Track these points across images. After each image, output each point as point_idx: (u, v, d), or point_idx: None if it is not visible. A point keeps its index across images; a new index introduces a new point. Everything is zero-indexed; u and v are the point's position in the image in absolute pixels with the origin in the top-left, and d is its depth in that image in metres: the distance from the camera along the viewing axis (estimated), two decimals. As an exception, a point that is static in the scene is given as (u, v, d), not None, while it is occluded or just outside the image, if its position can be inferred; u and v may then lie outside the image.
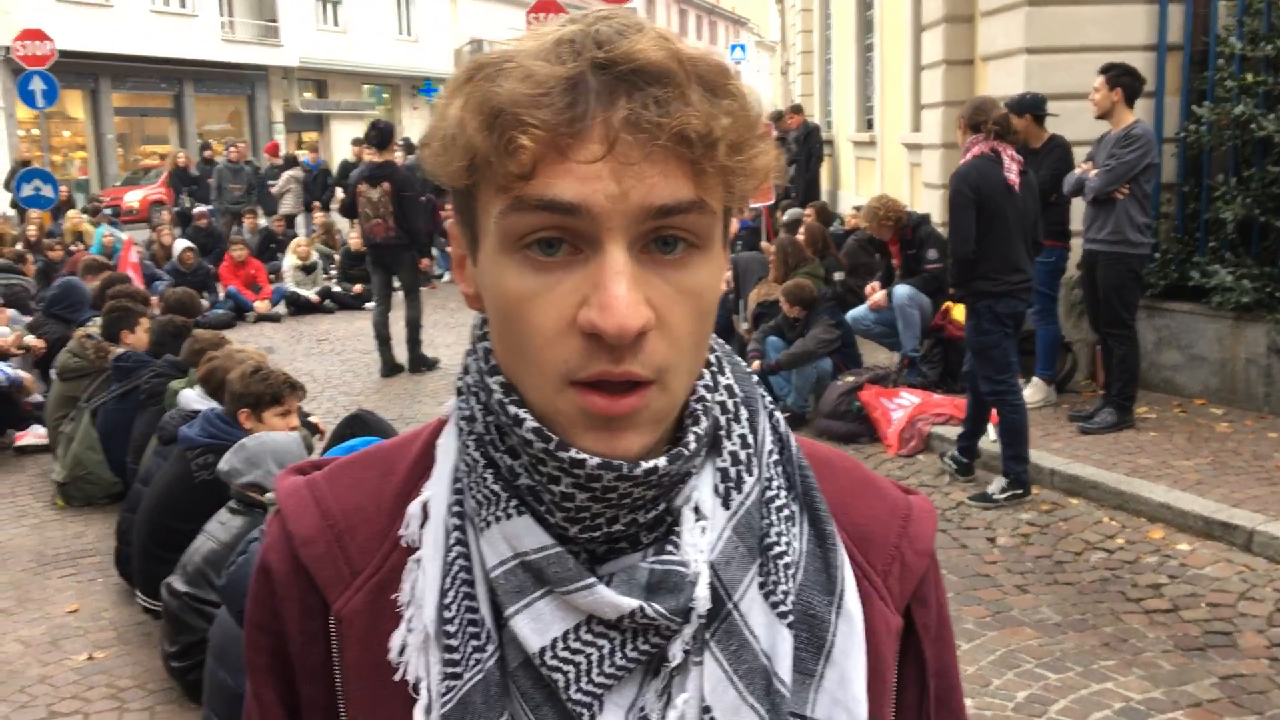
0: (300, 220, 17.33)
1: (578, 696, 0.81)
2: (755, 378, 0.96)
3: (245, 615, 0.96)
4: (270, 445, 4.12)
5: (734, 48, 50.31)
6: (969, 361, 6.39)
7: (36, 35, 15.80)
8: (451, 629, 0.84)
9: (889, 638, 0.93)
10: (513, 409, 0.81)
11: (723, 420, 0.89)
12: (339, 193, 17.66)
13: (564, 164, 0.75)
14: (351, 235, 14.52)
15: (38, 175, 14.83)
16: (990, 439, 6.77)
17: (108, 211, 18.49)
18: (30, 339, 8.56)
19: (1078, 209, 7.19)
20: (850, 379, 7.59)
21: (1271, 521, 5.25)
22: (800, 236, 9.28)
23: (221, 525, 4.16)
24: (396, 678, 0.86)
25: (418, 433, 0.99)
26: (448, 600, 0.84)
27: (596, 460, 0.78)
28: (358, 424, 3.97)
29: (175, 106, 32.69)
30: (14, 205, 15.08)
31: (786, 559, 0.87)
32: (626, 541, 0.84)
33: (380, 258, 9.88)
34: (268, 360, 5.54)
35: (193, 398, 5.24)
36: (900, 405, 7.22)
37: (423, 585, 0.86)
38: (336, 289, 14.03)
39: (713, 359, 0.91)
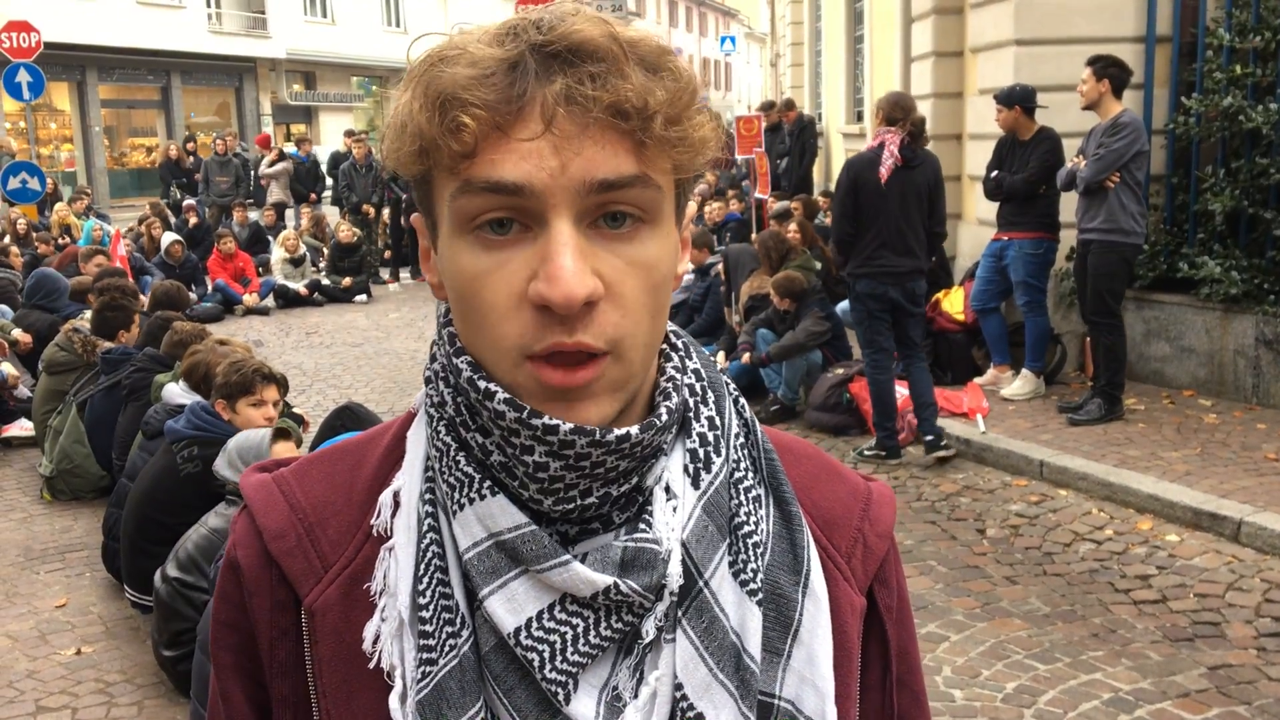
0: (290, 212, 17.27)
1: (552, 675, 0.81)
2: (733, 369, 0.96)
3: (212, 614, 0.95)
4: (235, 443, 4.14)
5: (724, 39, 50.30)
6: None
7: (22, 27, 15.69)
8: (426, 615, 0.84)
9: (854, 617, 0.95)
10: (483, 383, 0.83)
11: (691, 402, 0.91)
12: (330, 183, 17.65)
13: (506, 142, 0.78)
14: (341, 228, 14.49)
15: (24, 168, 14.75)
16: (980, 430, 6.79)
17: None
18: (17, 333, 8.52)
19: (1068, 201, 7.20)
20: (840, 371, 7.59)
21: (1259, 512, 5.27)
22: (793, 231, 9.27)
23: (218, 515, 4.16)
24: (371, 666, 0.86)
25: (387, 426, 0.99)
26: (422, 586, 0.85)
27: (569, 426, 0.80)
28: (348, 416, 3.94)
29: (163, 99, 32.51)
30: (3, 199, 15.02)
31: (755, 538, 0.88)
32: (599, 522, 0.85)
33: None
34: (252, 351, 5.53)
35: (176, 392, 5.21)
36: (890, 397, 7.22)
37: (395, 573, 0.87)
38: (325, 282, 13.98)
39: (680, 344, 0.94)
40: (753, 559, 0.87)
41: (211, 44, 32.58)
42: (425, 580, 0.85)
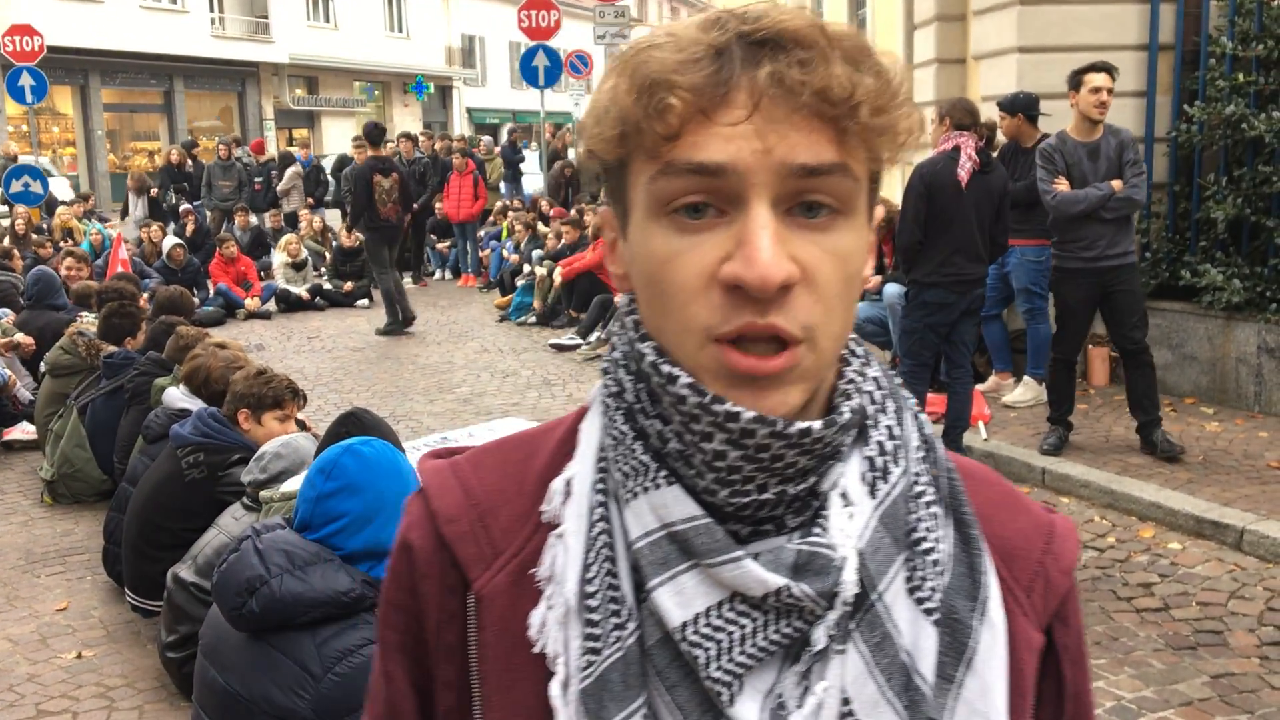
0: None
1: (717, 674, 0.80)
2: None
3: (381, 593, 0.96)
4: (302, 453, 4.09)
5: (726, 46, 50.33)
6: (944, 362, 6.56)
7: (25, 31, 15.74)
8: (592, 604, 0.83)
9: (1030, 654, 0.91)
10: (666, 367, 0.82)
11: (870, 410, 0.89)
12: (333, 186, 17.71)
13: (710, 126, 0.78)
14: (343, 231, 14.50)
15: (26, 171, 14.77)
16: (982, 438, 6.78)
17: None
18: (20, 336, 8.51)
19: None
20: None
21: (1262, 520, 5.27)
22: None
23: (235, 520, 4.13)
24: (534, 652, 0.86)
25: (562, 420, 0.99)
26: (589, 575, 0.84)
27: (751, 414, 0.78)
28: (353, 422, 3.91)
29: (165, 103, 32.59)
30: (4, 201, 15.03)
31: (934, 555, 0.85)
32: (772, 524, 0.83)
33: (393, 236, 12.15)
34: (243, 352, 5.52)
35: (177, 396, 5.19)
36: (892, 404, 7.22)
37: (564, 561, 0.86)
38: (327, 286, 13.99)
39: (860, 351, 0.92)
40: (930, 576, 0.84)
41: (214, 48, 32.65)
42: (593, 569, 0.84)
